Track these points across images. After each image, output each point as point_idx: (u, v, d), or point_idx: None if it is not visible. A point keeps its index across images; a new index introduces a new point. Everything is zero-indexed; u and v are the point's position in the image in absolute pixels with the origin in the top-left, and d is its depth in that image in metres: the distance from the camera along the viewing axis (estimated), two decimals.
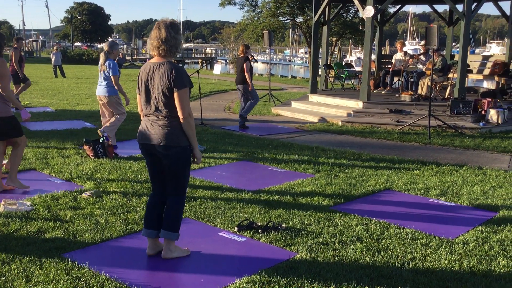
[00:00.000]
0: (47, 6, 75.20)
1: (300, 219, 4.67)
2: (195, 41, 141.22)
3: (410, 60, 12.99)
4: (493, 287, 3.41)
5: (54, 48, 25.40)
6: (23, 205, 4.80)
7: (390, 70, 13.47)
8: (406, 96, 11.66)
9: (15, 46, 12.18)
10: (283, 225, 4.47)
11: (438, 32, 9.26)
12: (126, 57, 43.67)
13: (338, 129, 10.03)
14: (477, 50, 71.93)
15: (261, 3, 28.75)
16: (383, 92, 13.21)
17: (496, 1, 12.93)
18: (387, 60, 15.17)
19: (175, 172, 3.65)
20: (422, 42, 13.55)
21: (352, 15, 27.70)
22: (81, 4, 71.68)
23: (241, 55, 10.11)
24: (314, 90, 13.22)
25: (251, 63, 10.17)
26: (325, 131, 9.93)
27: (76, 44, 72.92)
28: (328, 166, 6.78)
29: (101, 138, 7.06)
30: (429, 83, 10.94)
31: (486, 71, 13.45)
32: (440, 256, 3.89)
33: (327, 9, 13.59)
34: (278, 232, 4.30)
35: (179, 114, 3.54)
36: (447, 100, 11.01)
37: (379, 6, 11.60)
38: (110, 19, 76.23)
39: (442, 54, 12.55)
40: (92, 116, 10.94)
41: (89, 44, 73.02)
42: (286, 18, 28.90)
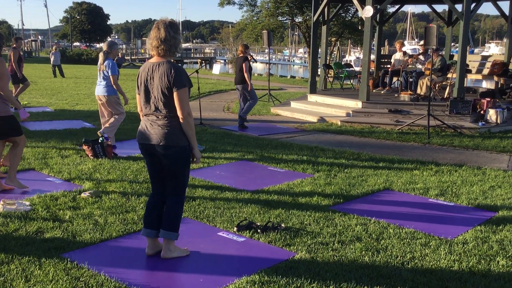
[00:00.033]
0: (46, 6, 75.32)
1: (300, 219, 4.67)
2: (194, 41, 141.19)
3: (410, 60, 12.99)
4: (493, 287, 3.41)
5: (53, 48, 25.39)
6: (22, 205, 4.80)
7: (389, 70, 13.48)
8: (405, 96, 11.67)
9: (14, 46, 12.17)
10: (283, 225, 4.47)
11: (437, 32, 9.26)
12: (125, 57, 43.65)
13: (337, 129, 10.03)
14: (476, 50, 72.05)
15: (260, 3, 28.77)
16: (382, 92, 13.22)
17: (495, 1, 12.94)
18: (386, 60, 15.17)
19: (175, 172, 3.65)
20: (421, 42, 13.57)
21: (351, 15, 27.71)
22: (80, 4, 71.62)
23: (240, 55, 10.11)
24: (313, 90, 13.22)
25: (250, 63, 10.17)
26: (324, 131, 9.93)
27: (75, 44, 72.91)
28: (327, 166, 6.79)
29: (100, 138, 7.06)
30: (428, 83, 10.95)
31: (485, 71, 13.47)
32: (440, 256, 3.89)
33: (326, 9, 13.60)
34: (278, 232, 4.30)
35: (179, 114, 3.53)
36: (446, 100, 11.02)
37: (378, 6, 11.61)
38: (109, 19, 76.26)
39: (441, 54, 12.56)
40: (91, 116, 10.94)
41: (88, 44, 72.95)
42: (285, 18, 28.91)
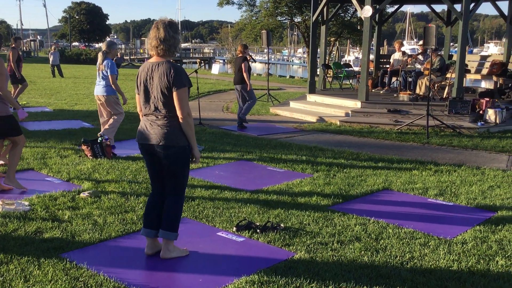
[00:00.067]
0: (45, 6, 75.15)
1: (299, 219, 4.67)
2: (193, 41, 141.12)
3: (409, 59, 13.00)
4: (492, 287, 3.42)
5: (52, 48, 25.37)
6: (21, 205, 4.79)
7: (388, 70, 13.48)
8: (404, 96, 11.67)
9: (13, 46, 12.15)
10: (282, 225, 4.47)
11: (436, 32, 9.26)
12: (124, 57, 43.59)
13: (337, 129, 10.03)
14: (475, 50, 72.12)
15: (259, 3, 28.74)
16: (381, 92, 13.22)
17: (494, 1, 12.95)
18: (385, 60, 15.18)
19: (174, 172, 3.65)
20: (420, 42, 13.58)
21: (350, 15, 27.69)
22: (79, 4, 71.56)
23: (240, 55, 10.10)
24: (313, 90, 13.22)
25: (249, 63, 10.17)
26: (324, 131, 9.93)
27: (74, 44, 72.78)
28: (327, 166, 6.79)
29: (99, 138, 7.06)
30: (427, 83, 10.95)
31: (484, 71, 13.48)
32: (439, 256, 3.89)
33: (325, 9, 13.60)
34: (277, 232, 4.30)
35: (178, 114, 3.53)
36: (445, 100, 11.02)
37: (377, 6, 11.61)
38: (108, 19, 76.25)
39: (440, 54, 12.57)
40: (90, 116, 10.93)
41: (87, 44, 72.89)
42: (284, 18, 28.88)
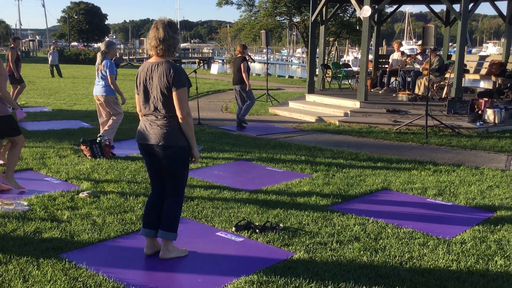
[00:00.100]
0: (44, 6, 75.23)
1: (298, 219, 4.67)
2: (192, 41, 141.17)
3: (409, 59, 13.01)
4: (491, 287, 3.42)
5: (51, 48, 25.34)
6: (20, 205, 4.79)
7: (387, 70, 13.49)
8: (403, 96, 11.68)
9: (12, 46, 12.14)
10: (281, 225, 4.47)
11: (435, 32, 9.27)
12: (123, 57, 43.57)
13: (336, 129, 10.04)
14: (474, 50, 72.20)
15: (258, 3, 28.72)
16: (380, 92, 13.23)
17: (493, 1, 12.97)
18: (384, 60, 15.20)
19: (174, 172, 3.65)
20: (419, 42, 13.58)
21: (349, 15, 27.68)
22: (78, 4, 71.52)
23: (239, 55, 10.10)
24: (312, 90, 13.22)
25: (248, 63, 10.17)
26: (323, 131, 9.93)
27: (73, 44, 72.75)
28: (326, 166, 6.79)
29: (98, 138, 7.05)
30: (426, 83, 10.96)
31: (483, 71, 13.49)
32: (438, 256, 3.90)
33: (324, 9, 13.60)
34: (276, 232, 4.30)
35: (178, 114, 3.53)
36: (444, 100, 11.03)
37: (376, 6, 11.62)
38: (107, 19, 76.21)
39: (439, 54, 12.57)
40: (89, 116, 10.92)
41: (86, 44, 72.85)
42: (283, 18, 28.86)
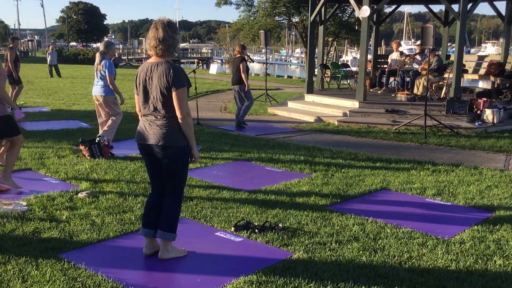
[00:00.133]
0: (43, 6, 75.06)
1: (297, 219, 4.67)
2: (191, 41, 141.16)
3: (408, 58, 13.01)
4: (490, 286, 3.42)
5: (50, 48, 25.32)
6: (19, 205, 4.79)
7: (386, 70, 13.50)
8: (402, 96, 11.69)
9: (11, 46, 12.10)
10: (280, 225, 4.47)
11: (434, 32, 9.27)
12: (122, 57, 43.54)
13: (334, 129, 10.04)
14: (473, 50, 72.26)
15: (257, 3, 28.71)
16: (379, 92, 13.24)
17: (492, 1, 12.98)
18: (383, 60, 15.21)
19: (173, 172, 3.64)
20: (418, 42, 13.58)
21: (348, 15, 27.68)
22: (77, 4, 71.42)
23: (238, 55, 10.10)
24: (310, 90, 13.23)
25: (247, 63, 10.17)
26: (322, 131, 9.93)
27: (72, 44, 72.67)
28: (325, 166, 6.79)
29: (97, 138, 7.05)
30: (425, 83, 10.97)
31: (482, 71, 13.50)
32: (437, 256, 3.90)
33: (323, 9, 13.61)
34: (275, 232, 4.30)
35: (177, 114, 3.53)
36: (443, 100, 11.04)
37: (375, 6, 11.63)
38: (106, 19, 76.08)
39: (438, 54, 12.58)
40: (88, 116, 10.91)
41: (85, 44, 72.76)
42: (282, 18, 28.86)
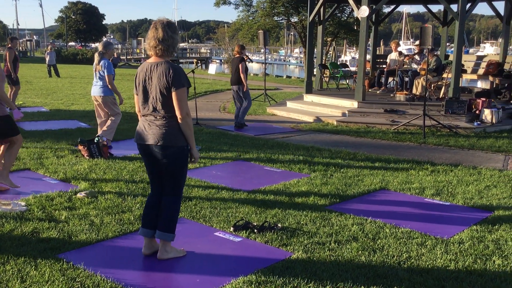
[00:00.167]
0: (41, 6, 74.88)
1: (296, 219, 4.67)
2: (190, 41, 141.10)
3: (406, 59, 13.02)
4: (489, 286, 3.42)
5: (48, 48, 25.29)
6: (18, 206, 4.78)
7: (385, 70, 13.51)
8: (401, 96, 11.70)
9: (9, 46, 12.06)
10: (279, 225, 4.47)
11: (433, 32, 9.28)
12: (121, 57, 43.52)
13: (333, 129, 10.04)
14: (471, 50, 72.30)
15: (256, 3, 28.71)
16: (378, 92, 13.24)
17: (491, 1, 12.99)
18: (382, 60, 15.21)
19: (173, 172, 3.64)
20: (417, 42, 13.60)
21: (347, 15, 27.70)
22: (75, 4, 71.33)
23: (237, 56, 10.09)
24: (309, 90, 13.23)
25: (246, 64, 10.16)
26: (320, 131, 9.94)
27: (70, 44, 72.55)
28: (324, 166, 6.79)
29: (96, 138, 7.04)
30: (424, 83, 10.97)
31: (480, 71, 13.51)
32: (436, 256, 3.90)
33: (322, 9, 13.61)
34: (274, 232, 4.30)
35: (177, 114, 3.53)
36: (442, 100, 11.04)
37: (374, 6, 11.63)
38: (105, 19, 76.07)
39: (437, 54, 12.59)
40: (87, 116, 10.90)
41: (83, 44, 72.69)
42: (281, 18, 28.86)
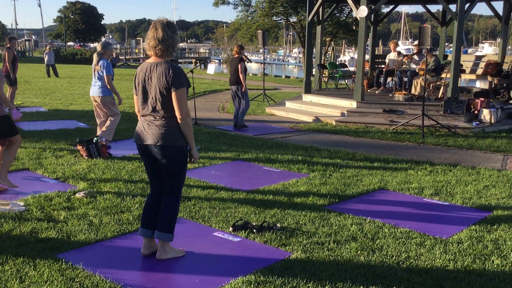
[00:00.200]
0: (40, 6, 74.78)
1: (295, 219, 4.67)
2: (189, 41, 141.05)
3: (405, 59, 13.03)
4: (488, 286, 3.43)
5: (47, 48, 25.27)
6: (16, 206, 4.77)
7: (384, 70, 13.51)
8: (400, 96, 11.70)
9: (8, 46, 12.03)
10: (278, 225, 4.47)
11: (431, 32, 9.29)
12: (120, 57, 43.49)
13: (332, 129, 10.04)
14: (470, 50, 72.42)
15: (255, 3, 28.75)
16: (377, 92, 13.25)
17: (489, 1, 13.00)
18: (381, 60, 15.21)
19: (172, 172, 3.64)
20: (416, 42, 13.61)
21: (346, 15, 27.74)
22: (74, 4, 71.26)
23: (236, 56, 10.09)
24: (308, 90, 13.24)
25: (245, 64, 10.16)
26: (319, 131, 9.94)
27: (69, 44, 72.52)
28: (323, 166, 6.79)
29: (95, 138, 7.04)
30: (423, 83, 10.98)
31: (479, 71, 13.52)
32: (435, 256, 3.90)
33: (321, 9, 13.61)
34: (273, 232, 4.30)
35: (177, 114, 3.52)
36: (441, 100, 11.06)
37: (373, 6, 11.63)
38: (103, 19, 75.87)
39: (435, 54, 12.60)
40: (86, 116, 10.90)
41: (82, 44, 72.64)
42: (280, 18, 28.90)
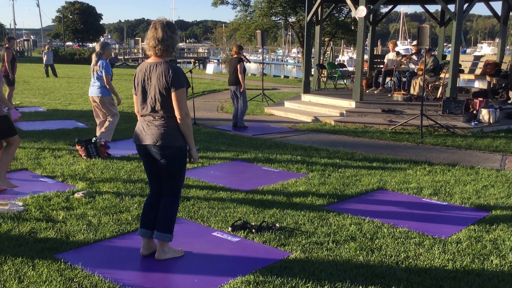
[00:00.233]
0: (38, 6, 74.70)
1: (294, 219, 4.67)
2: (188, 41, 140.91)
3: (404, 59, 13.04)
4: (487, 286, 3.43)
5: (46, 48, 25.26)
6: (15, 206, 4.77)
7: (383, 70, 13.52)
8: (399, 96, 11.71)
9: (7, 46, 12.00)
10: (277, 225, 4.47)
11: (430, 32, 9.29)
12: (118, 57, 43.46)
13: (331, 129, 10.05)
14: (469, 50, 72.47)
15: (254, 3, 28.74)
16: (376, 92, 13.26)
17: (488, 1, 13.01)
18: (380, 60, 15.22)
19: (171, 173, 3.64)
20: (414, 42, 13.62)
21: (345, 15, 27.74)
22: (73, 4, 71.23)
23: (235, 56, 10.09)
24: (307, 90, 13.24)
25: (244, 64, 10.16)
26: (318, 131, 9.94)
27: (68, 44, 72.45)
28: (321, 166, 6.79)
29: (94, 138, 7.03)
30: (421, 83, 10.99)
31: (478, 71, 13.54)
32: (434, 255, 3.91)
33: (320, 9, 13.62)
34: (272, 232, 4.30)
35: (177, 114, 3.52)
36: (439, 100, 11.07)
37: (372, 6, 11.64)
38: (102, 19, 75.88)
39: (434, 54, 12.60)
40: (84, 116, 10.89)
41: (81, 44, 72.60)
42: (279, 18, 28.90)
